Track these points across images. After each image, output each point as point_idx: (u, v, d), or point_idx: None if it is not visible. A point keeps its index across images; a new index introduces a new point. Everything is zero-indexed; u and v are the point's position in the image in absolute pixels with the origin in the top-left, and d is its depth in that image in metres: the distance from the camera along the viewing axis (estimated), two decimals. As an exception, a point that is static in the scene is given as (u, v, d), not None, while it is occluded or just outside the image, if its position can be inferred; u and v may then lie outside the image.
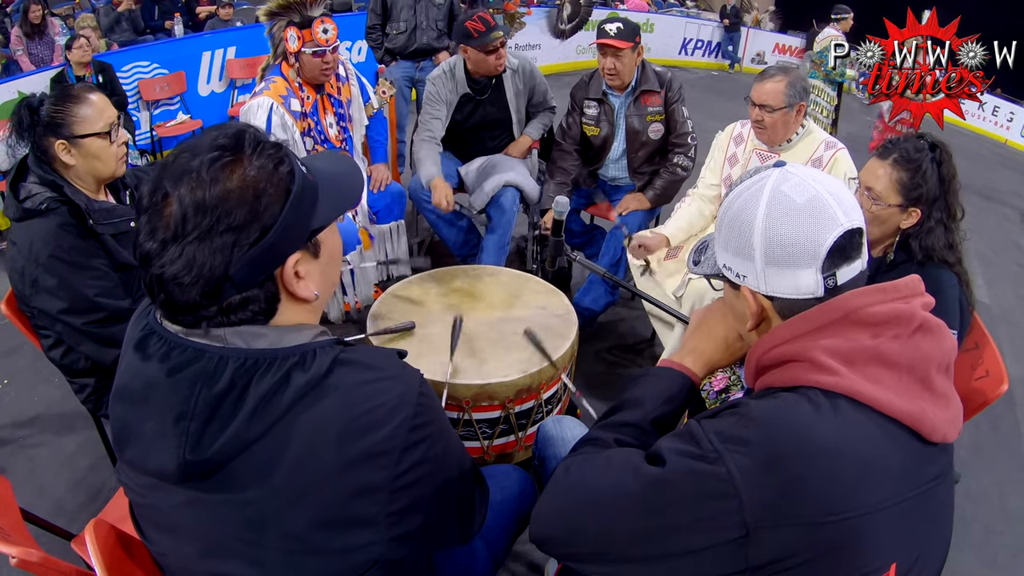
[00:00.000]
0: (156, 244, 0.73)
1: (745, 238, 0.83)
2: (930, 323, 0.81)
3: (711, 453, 0.75)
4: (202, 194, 0.72)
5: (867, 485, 0.72)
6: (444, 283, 2.12)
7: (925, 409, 0.76)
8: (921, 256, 1.61)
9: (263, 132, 0.81)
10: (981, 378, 1.70)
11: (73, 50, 4.31)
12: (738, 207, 0.86)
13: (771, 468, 0.72)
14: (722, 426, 0.78)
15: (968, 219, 1.68)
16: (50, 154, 1.56)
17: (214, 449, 0.73)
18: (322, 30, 2.38)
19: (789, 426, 0.75)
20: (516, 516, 1.30)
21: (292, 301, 0.81)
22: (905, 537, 0.76)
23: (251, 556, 0.78)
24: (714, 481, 0.73)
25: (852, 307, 0.79)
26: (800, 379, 0.79)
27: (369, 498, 0.77)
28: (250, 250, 0.74)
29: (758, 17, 11.74)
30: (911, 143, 1.65)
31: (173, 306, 0.75)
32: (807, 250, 0.80)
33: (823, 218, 0.80)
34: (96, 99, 1.59)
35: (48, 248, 1.50)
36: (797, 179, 0.83)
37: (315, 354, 0.77)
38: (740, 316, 0.92)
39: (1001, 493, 2.37)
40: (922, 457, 0.77)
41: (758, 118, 2.19)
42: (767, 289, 0.84)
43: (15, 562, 0.98)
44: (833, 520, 0.70)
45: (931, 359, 0.79)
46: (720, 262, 0.91)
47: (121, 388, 0.80)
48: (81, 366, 1.66)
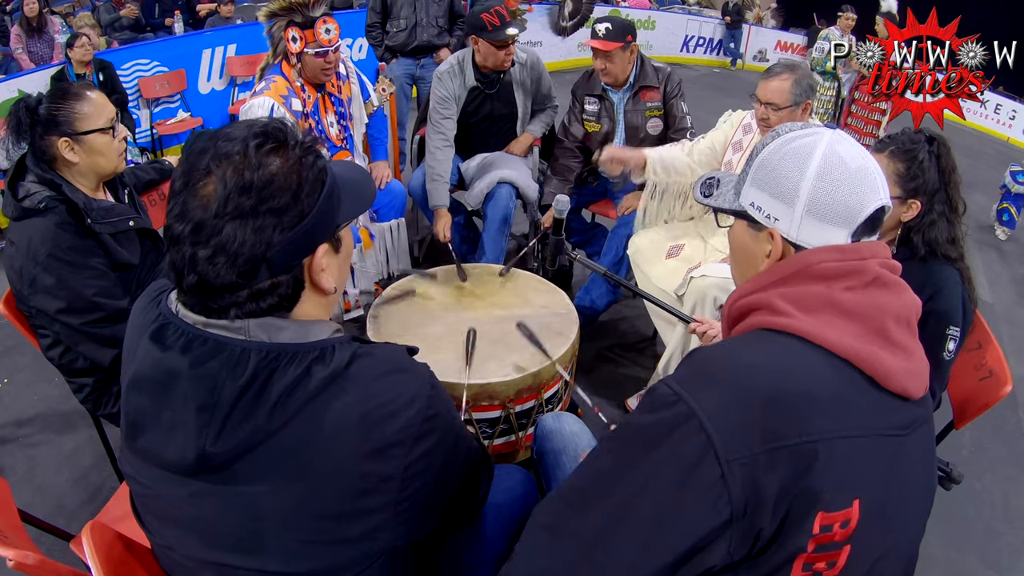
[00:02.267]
0: (190, 224, 0.74)
1: (791, 183, 0.85)
2: (887, 279, 0.84)
3: (671, 397, 0.75)
4: (250, 176, 0.74)
5: (820, 412, 0.74)
6: (445, 282, 2.12)
7: (878, 353, 0.78)
8: (924, 251, 1.60)
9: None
10: (985, 378, 1.70)
11: (75, 48, 4.30)
12: (787, 152, 0.87)
13: (730, 398, 0.73)
14: (678, 373, 0.80)
15: (971, 217, 1.67)
16: (51, 153, 1.55)
17: (235, 441, 0.74)
18: (324, 30, 2.37)
19: (741, 359, 0.78)
20: (518, 518, 1.29)
21: (312, 292, 0.83)
22: (869, 477, 0.76)
23: (261, 547, 0.78)
24: (678, 421, 0.73)
25: (810, 261, 0.83)
26: (759, 323, 0.84)
27: (382, 487, 0.78)
28: (289, 233, 0.76)
29: (760, 14, 11.72)
30: (907, 135, 1.64)
31: (205, 288, 0.76)
32: (850, 211, 0.84)
33: (868, 187, 0.84)
34: (95, 96, 1.60)
35: (46, 247, 1.50)
36: (849, 144, 0.86)
37: (334, 349, 0.79)
38: (751, 257, 0.93)
39: (1004, 493, 2.37)
40: (882, 403, 0.78)
41: (764, 116, 2.17)
42: (797, 236, 0.86)
43: (12, 564, 0.97)
44: (790, 443, 0.71)
45: (886, 310, 0.81)
46: (746, 201, 0.92)
47: (139, 377, 0.79)
48: (79, 366, 1.66)
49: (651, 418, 0.76)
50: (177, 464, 0.77)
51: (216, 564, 0.81)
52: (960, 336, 1.58)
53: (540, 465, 1.42)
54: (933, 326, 1.56)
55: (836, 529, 0.74)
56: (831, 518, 0.73)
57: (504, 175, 2.82)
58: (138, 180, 2.13)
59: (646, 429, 0.77)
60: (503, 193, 2.81)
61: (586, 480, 0.81)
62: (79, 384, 1.70)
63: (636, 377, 2.69)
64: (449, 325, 1.88)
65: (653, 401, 0.78)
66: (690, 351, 0.86)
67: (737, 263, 1.00)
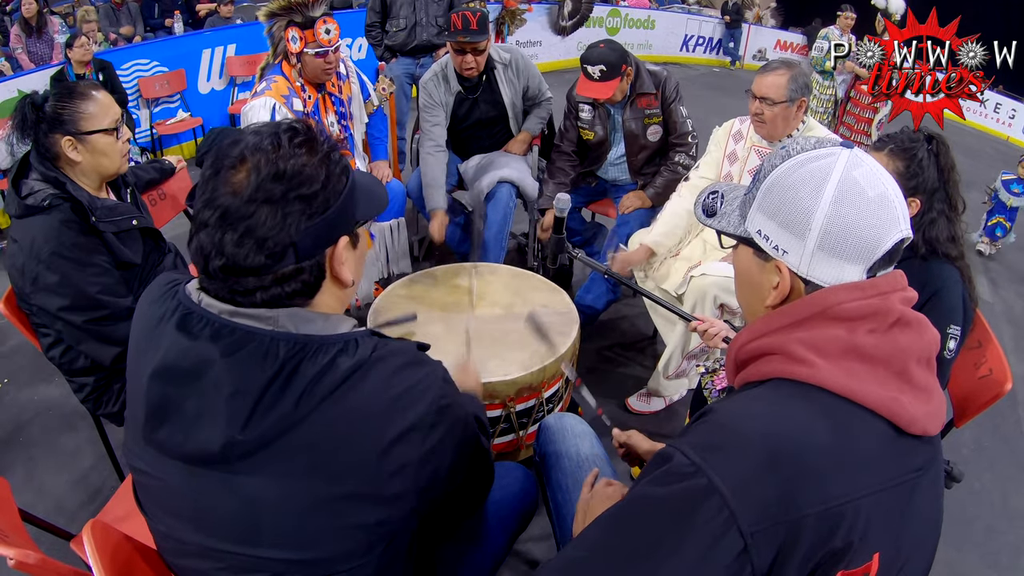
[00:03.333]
0: (219, 209, 0.77)
1: (803, 214, 0.78)
2: (908, 317, 0.79)
3: (688, 467, 0.70)
4: (283, 165, 0.78)
5: (845, 473, 0.71)
6: (445, 281, 2.12)
7: (902, 400, 0.75)
8: (924, 250, 1.60)
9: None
10: (984, 377, 1.70)
11: (75, 48, 4.29)
12: (798, 178, 0.79)
13: (751, 468, 0.69)
14: (694, 438, 0.75)
15: (971, 216, 1.67)
16: (55, 151, 1.55)
17: (263, 428, 0.76)
18: (324, 30, 2.37)
19: (762, 422, 0.73)
20: (517, 514, 1.30)
21: (331, 284, 0.86)
22: (888, 527, 0.74)
23: (269, 535, 0.79)
24: (698, 495, 0.68)
25: (829, 303, 0.77)
26: (776, 372, 0.78)
27: (400, 472, 0.81)
28: (316, 220, 0.80)
29: (759, 14, 11.72)
30: (906, 134, 1.65)
31: (232, 271, 0.78)
32: (867, 247, 0.76)
33: (888, 219, 0.76)
34: (101, 96, 1.60)
35: (50, 245, 1.50)
36: (868, 169, 0.78)
37: (357, 343, 0.82)
38: (756, 287, 0.87)
39: (1003, 492, 2.37)
40: (902, 448, 0.75)
41: (758, 111, 2.16)
42: (807, 272, 0.79)
43: (12, 563, 0.97)
44: (815, 511, 0.68)
45: (909, 352, 0.77)
46: (753, 227, 0.84)
47: (166, 367, 0.79)
48: (80, 365, 1.66)
49: (668, 491, 0.71)
50: (198, 453, 0.78)
51: (221, 551, 0.81)
52: (961, 335, 1.58)
53: (542, 466, 1.42)
54: (933, 325, 1.56)
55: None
56: (851, 574, 0.71)
57: (504, 174, 2.82)
58: (139, 179, 2.13)
59: (664, 503, 0.71)
60: (503, 192, 2.81)
61: (598, 553, 0.75)
62: (79, 383, 1.70)
63: (637, 376, 2.69)
64: (449, 324, 1.88)
65: (669, 471, 0.72)
66: (702, 410, 0.81)
67: (741, 288, 0.93)
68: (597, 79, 2.51)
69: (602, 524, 0.78)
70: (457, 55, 2.72)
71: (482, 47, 2.70)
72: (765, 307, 0.85)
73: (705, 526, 0.67)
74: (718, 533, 0.67)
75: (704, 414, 0.79)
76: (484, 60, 2.77)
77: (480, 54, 2.72)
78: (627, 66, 2.55)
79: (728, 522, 0.67)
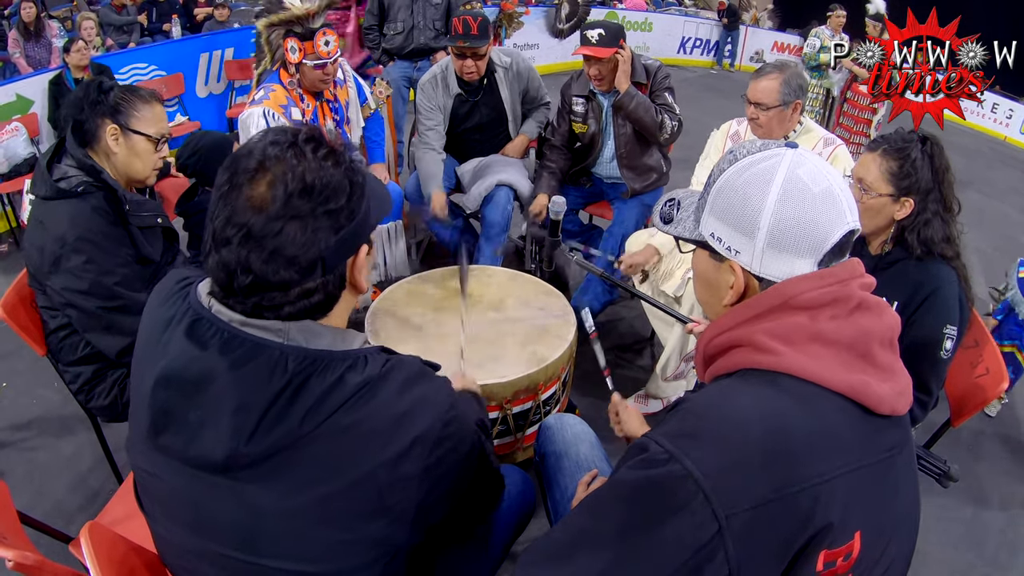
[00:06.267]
0: (244, 228, 0.74)
1: (751, 215, 0.81)
2: (869, 302, 0.82)
3: (662, 455, 0.72)
4: (311, 178, 0.76)
5: (817, 454, 0.72)
6: (442, 284, 2.12)
7: (868, 381, 0.77)
8: (920, 251, 1.61)
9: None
10: (981, 376, 1.70)
11: (71, 53, 4.29)
12: (745, 181, 0.82)
13: (724, 453, 0.71)
14: (667, 428, 0.77)
15: (967, 216, 1.68)
16: (97, 134, 1.58)
17: (267, 442, 0.75)
18: (324, 43, 2.38)
19: (733, 409, 0.75)
20: (515, 516, 1.30)
21: (348, 291, 0.86)
22: (867, 507, 0.76)
23: (271, 545, 0.79)
24: (673, 481, 0.70)
25: (790, 294, 0.80)
26: (743, 363, 0.81)
27: (404, 487, 0.81)
28: (341, 233, 0.79)
29: (756, 15, 11.74)
30: (900, 135, 1.65)
31: (260, 287, 0.77)
32: (814, 241, 0.79)
33: (834, 212, 0.79)
34: (159, 108, 1.67)
35: (78, 230, 1.52)
36: (811, 166, 0.81)
37: (367, 360, 0.81)
38: (714, 287, 0.90)
39: (1000, 490, 2.37)
40: (872, 428, 0.77)
41: (753, 115, 2.19)
42: (760, 269, 0.82)
43: (11, 565, 0.98)
44: (789, 492, 0.70)
45: (871, 335, 0.80)
46: (707, 231, 0.87)
47: (171, 374, 0.78)
48: (79, 354, 1.65)
49: (644, 475, 0.73)
50: (200, 461, 0.78)
51: (220, 555, 0.81)
52: (957, 335, 1.58)
53: (542, 466, 1.43)
54: (930, 326, 1.56)
55: (839, 563, 0.73)
56: (834, 554, 0.72)
57: (502, 178, 2.83)
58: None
59: (640, 488, 0.73)
60: (501, 196, 2.81)
61: (578, 535, 0.77)
62: (75, 373, 1.69)
63: (634, 378, 2.69)
64: (445, 327, 1.89)
65: (644, 459, 0.75)
66: (674, 401, 0.83)
67: (701, 289, 0.96)
68: (595, 43, 2.55)
69: (582, 508, 0.81)
70: (458, 59, 2.73)
71: (483, 52, 2.71)
72: (724, 306, 0.89)
73: (680, 510, 0.69)
74: (693, 517, 0.69)
75: (677, 405, 0.82)
76: (485, 64, 2.78)
77: (481, 59, 2.74)
78: (624, 41, 2.59)
79: (703, 505, 0.69)
